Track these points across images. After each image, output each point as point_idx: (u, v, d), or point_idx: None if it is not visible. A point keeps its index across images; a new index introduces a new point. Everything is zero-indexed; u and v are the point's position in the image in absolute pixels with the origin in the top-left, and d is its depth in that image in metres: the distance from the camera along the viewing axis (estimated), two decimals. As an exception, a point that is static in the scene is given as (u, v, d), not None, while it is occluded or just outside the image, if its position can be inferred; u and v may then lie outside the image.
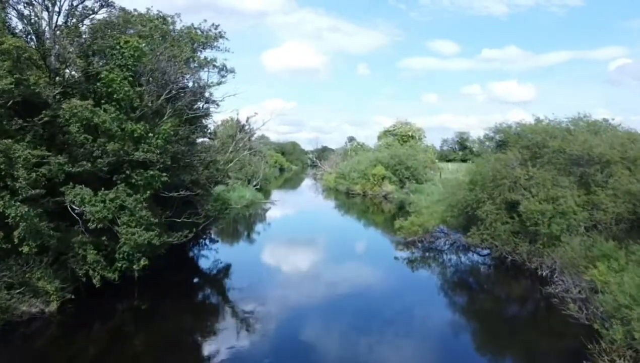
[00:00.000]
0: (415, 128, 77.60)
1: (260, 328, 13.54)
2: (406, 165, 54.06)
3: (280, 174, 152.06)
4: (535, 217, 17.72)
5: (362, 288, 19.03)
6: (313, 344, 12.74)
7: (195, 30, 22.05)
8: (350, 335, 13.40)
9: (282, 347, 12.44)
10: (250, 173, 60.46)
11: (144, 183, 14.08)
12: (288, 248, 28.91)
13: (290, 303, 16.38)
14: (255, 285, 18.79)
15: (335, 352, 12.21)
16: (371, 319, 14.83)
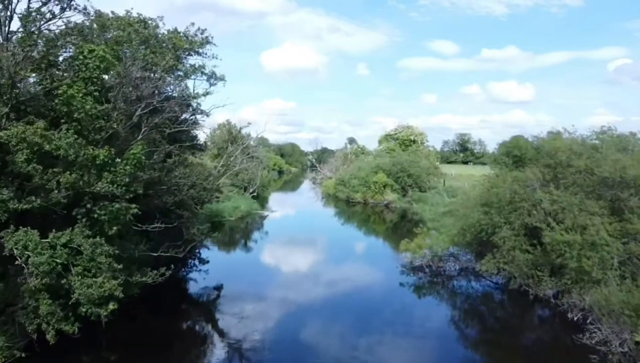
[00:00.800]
0: (417, 132, 75.47)
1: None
2: (408, 172, 51.93)
3: (279, 177, 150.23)
4: (562, 249, 15.60)
5: (365, 322, 16.95)
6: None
7: (180, 35, 19.90)
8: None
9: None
10: (247, 180, 58.37)
11: (110, 218, 11.93)
12: (284, 269, 26.78)
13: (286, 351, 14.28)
14: (246, 320, 16.75)
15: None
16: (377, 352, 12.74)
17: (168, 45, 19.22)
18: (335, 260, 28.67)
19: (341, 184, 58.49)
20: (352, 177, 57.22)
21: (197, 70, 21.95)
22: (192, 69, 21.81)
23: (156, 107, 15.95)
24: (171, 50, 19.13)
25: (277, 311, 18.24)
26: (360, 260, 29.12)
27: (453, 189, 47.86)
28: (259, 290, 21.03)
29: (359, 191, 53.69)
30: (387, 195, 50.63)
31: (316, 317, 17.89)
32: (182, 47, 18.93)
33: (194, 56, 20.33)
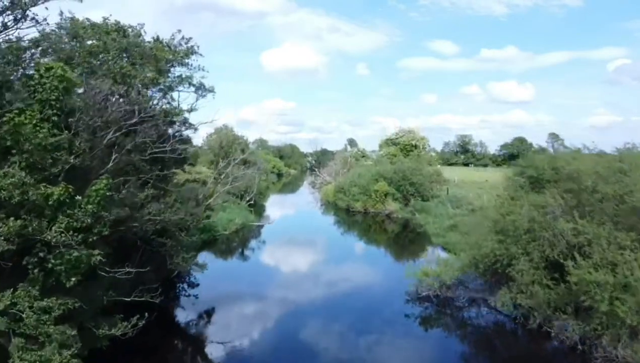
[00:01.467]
0: (419, 136, 73.64)
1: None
2: (410, 180, 50.04)
3: (278, 179, 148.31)
4: (590, 290, 13.76)
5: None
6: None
7: (163, 45, 18.04)
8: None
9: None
10: (243, 188, 56.51)
11: (67, 267, 10.09)
12: (278, 291, 24.90)
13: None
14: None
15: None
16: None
17: (149, 56, 17.37)
18: (334, 282, 26.80)
19: (341, 192, 56.61)
20: (352, 184, 55.34)
21: (184, 80, 20.13)
22: (178, 80, 20.00)
23: (128, 132, 14.12)
24: (152, 61, 17.28)
25: (269, 347, 16.43)
26: (360, 281, 27.19)
27: (457, 199, 46.03)
28: (250, 320, 19.23)
29: (359, 200, 51.83)
30: (389, 204, 48.76)
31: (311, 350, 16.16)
32: (164, 58, 17.06)
33: (177, 68, 18.51)
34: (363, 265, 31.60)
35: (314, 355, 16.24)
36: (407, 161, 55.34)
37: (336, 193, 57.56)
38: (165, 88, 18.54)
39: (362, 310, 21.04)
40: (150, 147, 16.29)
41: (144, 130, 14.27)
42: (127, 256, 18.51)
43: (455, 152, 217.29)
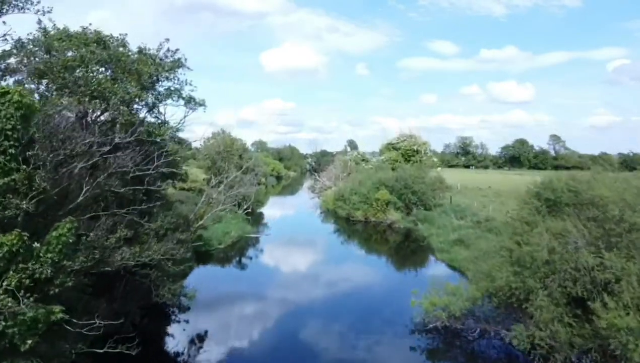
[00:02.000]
0: (420, 141, 72.11)
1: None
2: (413, 189, 48.55)
3: (278, 182, 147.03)
4: (622, 337, 12.26)
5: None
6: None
7: (147, 58, 16.53)
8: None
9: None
10: (241, 195, 55.04)
11: (21, 330, 8.59)
12: (276, 311, 23.40)
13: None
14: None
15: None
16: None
17: (132, 70, 15.88)
18: (333, 302, 25.32)
19: (340, 200, 55.10)
20: (352, 192, 53.85)
21: (172, 93, 18.66)
22: (165, 93, 18.52)
23: (95, 163, 12.60)
24: (135, 75, 15.79)
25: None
26: (362, 304, 25.62)
27: (461, 209, 44.51)
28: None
29: (360, 209, 50.35)
30: (390, 214, 47.26)
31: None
32: (146, 73, 15.56)
33: (164, 82, 17.01)
34: (364, 284, 30.05)
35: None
36: (408, 167, 53.83)
37: (336, 201, 56.08)
38: (150, 104, 17.04)
39: (364, 341, 19.53)
40: (133, 170, 14.85)
41: (122, 157, 12.76)
42: (110, 287, 17.08)
43: (456, 154, 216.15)
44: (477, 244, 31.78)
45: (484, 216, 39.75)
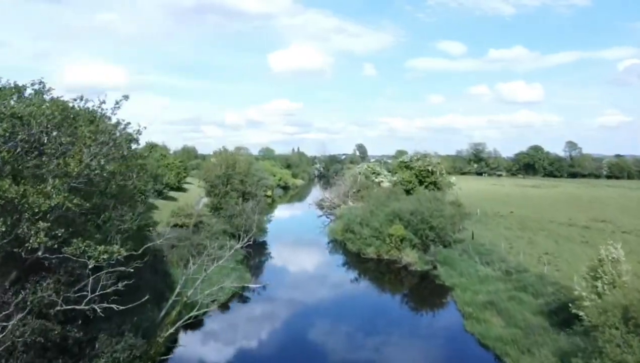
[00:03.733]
0: (435, 161, 67.23)
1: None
2: (430, 224, 43.76)
3: (285, 193, 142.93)
4: None
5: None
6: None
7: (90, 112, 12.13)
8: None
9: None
10: (241, 225, 50.57)
11: None
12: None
13: None
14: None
15: None
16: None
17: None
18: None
19: (350, 231, 50.42)
20: (363, 223, 49.22)
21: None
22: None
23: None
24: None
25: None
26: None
27: (486, 251, 39.65)
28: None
29: (372, 244, 45.70)
30: (406, 253, 42.50)
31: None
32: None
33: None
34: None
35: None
36: (425, 197, 49.01)
37: (345, 233, 51.40)
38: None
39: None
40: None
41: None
42: None
43: (468, 161, 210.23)
44: (512, 310, 27.15)
45: (514, 264, 34.92)
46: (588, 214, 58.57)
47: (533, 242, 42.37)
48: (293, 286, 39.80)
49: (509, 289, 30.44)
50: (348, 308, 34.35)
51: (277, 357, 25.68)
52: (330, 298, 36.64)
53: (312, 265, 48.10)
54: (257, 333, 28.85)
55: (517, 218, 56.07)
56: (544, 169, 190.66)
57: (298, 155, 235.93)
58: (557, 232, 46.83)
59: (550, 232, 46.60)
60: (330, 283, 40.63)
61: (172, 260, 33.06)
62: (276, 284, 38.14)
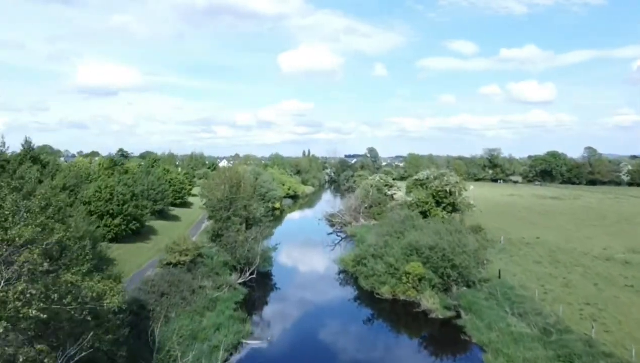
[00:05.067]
0: (453, 181, 62.47)
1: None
2: (452, 262, 39.21)
3: (294, 202, 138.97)
4: None
5: None
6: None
7: None
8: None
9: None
10: (244, 258, 46.47)
11: None
12: None
13: None
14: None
15: None
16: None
17: None
18: None
19: (362, 263, 46.05)
20: (376, 256, 44.80)
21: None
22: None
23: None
24: None
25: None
26: None
27: (517, 298, 34.95)
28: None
29: (387, 282, 41.25)
30: (425, 297, 37.93)
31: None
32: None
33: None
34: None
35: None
36: (444, 228, 44.39)
37: (356, 265, 47.03)
38: None
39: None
40: None
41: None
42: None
43: (483, 167, 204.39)
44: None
45: (553, 319, 30.25)
46: (623, 242, 53.52)
47: (569, 285, 37.59)
48: (299, 332, 35.54)
49: (552, 358, 25.82)
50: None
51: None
52: (340, 347, 32.37)
53: (320, 302, 43.70)
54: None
55: (545, 247, 51.16)
56: (562, 175, 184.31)
57: (308, 159, 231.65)
58: (594, 269, 41.96)
59: (586, 269, 41.75)
60: (339, 327, 36.36)
61: (157, 315, 28.86)
62: (280, 330, 33.93)
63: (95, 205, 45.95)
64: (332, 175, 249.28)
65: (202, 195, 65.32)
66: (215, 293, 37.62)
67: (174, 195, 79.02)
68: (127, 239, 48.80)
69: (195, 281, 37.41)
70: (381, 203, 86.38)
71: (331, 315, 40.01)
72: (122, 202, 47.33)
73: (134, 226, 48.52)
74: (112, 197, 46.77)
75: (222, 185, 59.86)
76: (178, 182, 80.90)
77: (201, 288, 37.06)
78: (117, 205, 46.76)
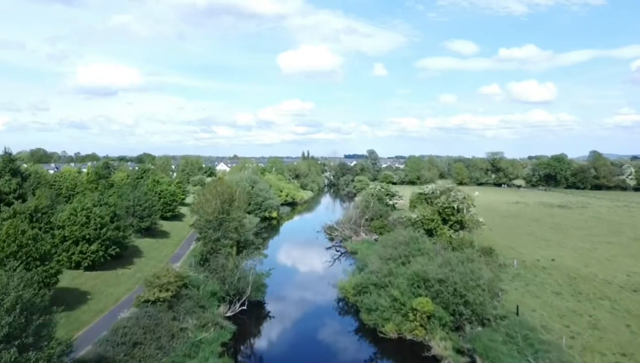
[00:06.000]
0: (460, 196, 58.19)
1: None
2: (465, 298, 35.00)
3: (292, 209, 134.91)
4: None
5: None
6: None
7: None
8: None
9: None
10: (234, 289, 42.16)
11: None
12: None
13: None
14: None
15: None
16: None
17: None
18: None
19: (363, 294, 41.85)
20: (378, 286, 40.61)
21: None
22: None
23: None
24: None
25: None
26: None
27: (543, 345, 30.68)
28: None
29: (391, 319, 37.02)
30: (435, 339, 33.73)
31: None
32: None
33: None
34: None
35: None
36: (455, 257, 40.07)
37: (357, 295, 42.81)
38: None
39: None
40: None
41: None
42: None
43: (486, 171, 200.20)
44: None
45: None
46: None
47: (598, 326, 33.38)
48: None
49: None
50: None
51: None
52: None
53: (318, 339, 39.46)
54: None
55: (562, 273, 46.91)
56: (566, 179, 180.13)
57: (307, 163, 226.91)
58: (622, 303, 37.75)
59: (614, 304, 37.54)
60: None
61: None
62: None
63: (69, 230, 41.69)
64: (332, 179, 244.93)
65: (192, 211, 61.10)
66: (199, 335, 33.39)
67: (164, 208, 74.73)
68: (106, 266, 44.54)
69: (176, 322, 33.17)
70: (383, 216, 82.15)
71: (329, 356, 35.83)
72: (100, 226, 43.03)
73: (114, 251, 44.22)
74: (88, 220, 42.48)
75: (213, 200, 55.70)
76: (169, 194, 76.52)
77: (183, 331, 32.83)
78: (95, 229, 42.47)
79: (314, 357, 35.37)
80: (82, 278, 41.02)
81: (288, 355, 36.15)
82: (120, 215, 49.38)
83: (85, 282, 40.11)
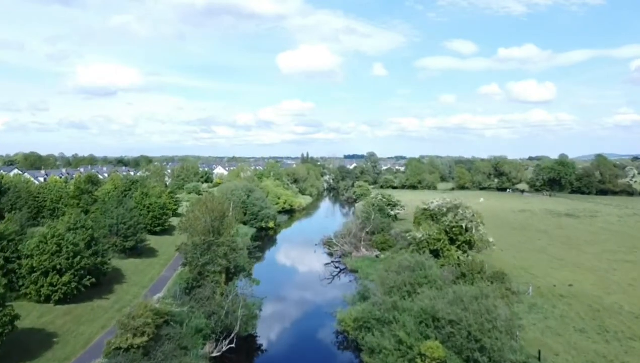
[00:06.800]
0: (469, 214, 53.93)
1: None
2: (481, 343, 30.84)
3: (290, 217, 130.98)
4: None
5: None
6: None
7: None
8: None
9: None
10: (221, 325, 37.92)
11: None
12: None
13: None
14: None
15: None
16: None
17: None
18: None
19: (365, 326, 37.73)
20: (380, 323, 36.48)
21: None
22: None
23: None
24: None
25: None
26: None
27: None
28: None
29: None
30: (448, 393, 29.56)
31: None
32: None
33: None
34: None
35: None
36: (468, 293, 35.87)
37: (358, 329, 38.67)
38: None
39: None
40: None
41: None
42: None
43: (488, 175, 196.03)
44: None
45: None
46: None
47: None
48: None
49: None
50: None
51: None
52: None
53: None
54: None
55: (583, 304, 42.71)
56: (571, 184, 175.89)
57: (306, 166, 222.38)
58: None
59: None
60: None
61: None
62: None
63: (38, 260, 37.48)
64: (331, 183, 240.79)
65: (180, 229, 57.04)
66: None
67: (152, 222, 70.53)
68: (81, 296, 40.30)
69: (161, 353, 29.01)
70: (384, 229, 78.00)
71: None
72: (74, 254, 38.81)
73: (88, 281, 40.00)
74: (60, 248, 38.27)
75: (202, 218, 51.64)
76: (158, 208, 72.26)
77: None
78: (67, 258, 38.26)
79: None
80: (51, 315, 36.81)
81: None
82: (98, 239, 45.14)
83: (53, 320, 35.89)
